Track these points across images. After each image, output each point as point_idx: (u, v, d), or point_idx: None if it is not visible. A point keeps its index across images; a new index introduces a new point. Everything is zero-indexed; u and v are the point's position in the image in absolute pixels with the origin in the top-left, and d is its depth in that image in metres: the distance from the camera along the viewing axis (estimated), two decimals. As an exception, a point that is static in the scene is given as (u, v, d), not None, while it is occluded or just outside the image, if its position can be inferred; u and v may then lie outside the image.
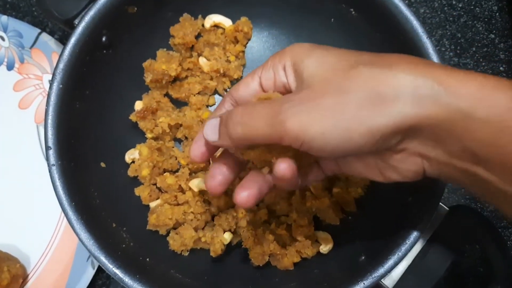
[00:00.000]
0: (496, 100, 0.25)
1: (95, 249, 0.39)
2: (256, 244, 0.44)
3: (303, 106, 0.28)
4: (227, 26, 0.51)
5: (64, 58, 0.42)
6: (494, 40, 0.58)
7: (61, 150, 0.41)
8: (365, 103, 0.27)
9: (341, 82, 0.28)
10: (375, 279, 0.37)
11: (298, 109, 0.28)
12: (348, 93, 0.27)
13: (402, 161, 0.30)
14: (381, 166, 0.31)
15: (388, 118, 0.26)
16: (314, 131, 0.27)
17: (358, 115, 0.27)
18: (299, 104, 0.28)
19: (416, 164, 0.29)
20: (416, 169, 0.30)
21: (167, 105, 0.49)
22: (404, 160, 0.29)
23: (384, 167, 0.31)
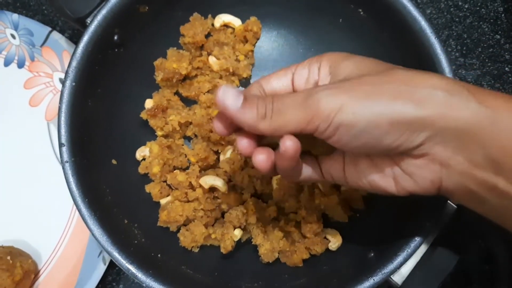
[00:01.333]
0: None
1: (108, 245, 0.39)
2: (266, 240, 0.45)
3: (338, 89, 0.28)
4: (237, 26, 0.51)
5: (77, 56, 0.43)
6: (499, 41, 0.58)
7: (74, 147, 0.41)
8: (400, 95, 0.27)
9: (379, 77, 0.29)
10: (384, 275, 0.38)
11: (333, 91, 0.28)
12: (384, 85, 0.28)
13: (421, 167, 0.29)
14: (397, 174, 0.31)
15: (418, 111, 0.27)
16: (346, 111, 0.27)
17: (391, 103, 0.27)
18: (334, 88, 0.29)
19: (434, 173, 0.29)
20: (433, 178, 0.29)
21: (177, 103, 0.50)
22: (423, 167, 0.29)
23: (400, 175, 0.31)
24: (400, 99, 0.27)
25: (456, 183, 0.29)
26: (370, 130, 0.28)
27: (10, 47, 0.56)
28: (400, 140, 0.28)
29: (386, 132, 0.28)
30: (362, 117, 0.27)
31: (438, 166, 0.29)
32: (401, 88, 0.28)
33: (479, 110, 0.26)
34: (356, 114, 0.27)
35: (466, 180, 0.28)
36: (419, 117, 0.27)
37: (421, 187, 0.30)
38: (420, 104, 0.27)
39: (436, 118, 0.27)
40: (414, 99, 0.27)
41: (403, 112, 0.27)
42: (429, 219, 0.39)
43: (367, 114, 0.27)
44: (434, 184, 0.30)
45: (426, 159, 0.29)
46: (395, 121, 0.27)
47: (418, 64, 0.43)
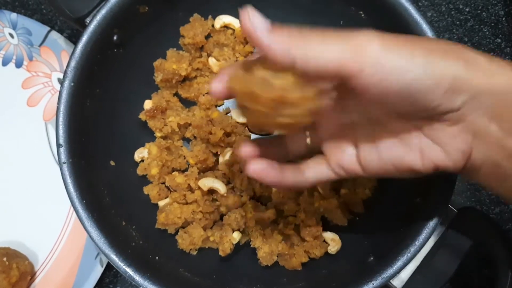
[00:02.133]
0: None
1: (106, 247, 0.39)
2: (264, 244, 0.44)
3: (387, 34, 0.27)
4: (237, 27, 0.51)
5: (75, 56, 0.42)
6: (500, 44, 0.58)
7: (72, 148, 0.41)
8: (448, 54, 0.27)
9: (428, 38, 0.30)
10: (384, 279, 0.38)
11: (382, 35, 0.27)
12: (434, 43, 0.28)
13: (454, 136, 0.29)
14: (424, 146, 0.30)
15: (464, 70, 0.27)
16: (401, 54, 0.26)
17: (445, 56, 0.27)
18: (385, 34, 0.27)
19: (466, 143, 0.29)
20: (465, 149, 0.29)
21: (176, 104, 0.50)
22: (455, 136, 0.29)
23: (428, 146, 0.30)
24: (448, 57, 0.27)
25: (485, 156, 0.29)
26: (417, 83, 0.26)
27: (8, 46, 0.56)
28: (442, 99, 0.27)
29: (432, 88, 0.27)
30: (418, 64, 0.26)
31: (471, 136, 0.28)
32: (450, 48, 0.28)
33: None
34: (413, 60, 0.26)
35: (496, 152, 0.28)
36: (464, 77, 0.27)
37: (451, 159, 0.29)
38: (467, 64, 0.27)
39: (477, 81, 0.27)
40: (462, 58, 0.27)
41: (449, 67, 0.27)
42: (429, 223, 0.39)
43: (422, 62, 0.26)
44: (464, 156, 0.29)
45: (460, 126, 0.28)
46: (442, 76, 0.27)
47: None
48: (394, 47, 0.26)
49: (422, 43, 0.28)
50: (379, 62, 0.26)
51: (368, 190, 0.46)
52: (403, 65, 0.26)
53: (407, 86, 0.27)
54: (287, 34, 0.26)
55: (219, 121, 0.47)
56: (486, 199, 0.54)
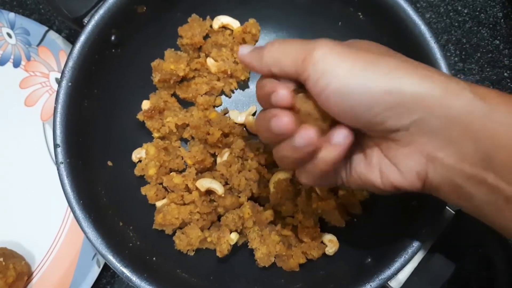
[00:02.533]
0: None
1: (103, 247, 0.39)
2: (262, 244, 0.44)
3: (340, 47, 0.28)
4: (235, 28, 0.51)
5: (73, 56, 0.42)
6: (498, 46, 0.58)
7: (69, 148, 0.41)
8: (402, 69, 0.27)
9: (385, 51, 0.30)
10: (381, 281, 0.38)
11: (333, 46, 0.28)
12: (388, 58, 0.28)
13: (407, 157, 0.29)
14: (383, 164, 0.30)
15: (414, 88, 0.27)
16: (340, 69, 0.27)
17: (389, 74, 0.27)
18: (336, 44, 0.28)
19: (420, 164, 0.29)
20: (419, 170, 0.29)
21: (174, 105, 0.50)
22: (409, 157, 0.29)
23: (386, 165, 0.30)
24: (400, 72, 0.27)
25: (443, 178, 0.28)
26: (361, 94, 0.27)
27: (6, 46, 0.56)
28: (388, 114, 0.27)
29: (377, 100, 0.27)
30: (357, 77, 0.27)
31: (424, 158, 0.28)
32: (404, 64, 0.28)
33: (473, 101, 0.26)
34: (351, 72, 0.27)
35: (454, 174, 0.28)
36: (415, 94, 0.27)
37: (407, 180, 0.30)
38: (420, 81, 0.27)
39: (430, 100, 0.26)
40: (415, 74, 0.27)
41: (399, 82, 0.27)
42: (427, 225, 0.39)
43: (362, 76, 0.27)
44: (420, 177, 0.29)
45: (412, 148, 0.28)
46: (388, 88, 0.27)
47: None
48: (341, 56, 0.27)
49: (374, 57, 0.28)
50: (321, 70, 0.27)
51: (365, 192, 0.46)
52: (343, 75, 0.27)
53: (346, 97, 0.27)
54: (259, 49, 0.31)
55: (217, 121, 0.47)
56: (484, 201, 0.54)
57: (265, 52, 0.31)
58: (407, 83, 0.27)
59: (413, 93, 0.27)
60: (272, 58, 0.30)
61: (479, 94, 0.26)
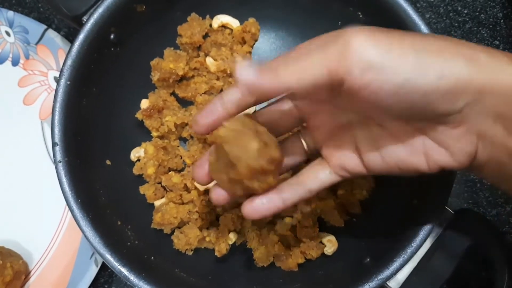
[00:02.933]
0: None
1: (101, 246, 0.39)
2: (261, 244, 0.44)
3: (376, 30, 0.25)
4: (235, 27, 0.51)
5: (72, 54, 0.42)
6: (498, 46, 0.58)
7: (67, 146, 0.41)
8: (448, 50, 0.25)
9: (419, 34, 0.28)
10: (380, 281, 0.38)
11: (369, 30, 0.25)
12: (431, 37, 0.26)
13: (459, 139, 0.28)
14: (429, 148, 0.29)
15: (466, 69, 0.25)
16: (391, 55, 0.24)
17: (441, 54, 0.25)
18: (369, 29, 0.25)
19: (471, 144, 0.28)
20: (470, 150, 0.28)
21: (173, 104, 0.50)
22: (461, 138, 0.28)
23: (432, 148, 0.29)
24: (448, 53, 0.25)
25: (490, 156, 0.28)
26: (416, 82, 0.24)
27: (4, 44, 0.56)
28: (442, 100, 0.25)
29: (433, 87, 0.25)
30: (410, 64, 0.24)
31: (475, 137, 0.27)
32: (446, 43, 0.26)
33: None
34: (401, 58, 0.24)
35: (501, 152, 0.27)
36: (466, 77, 0.25)
37: (457, 160, 0.28)
38: (467, 63, 0.25)
39: (481, 81, 0.25)
40: (461, 55, 0.25)
41: (450, 66, 0.25)
42: (426, 225, 0.39)
43: (414, 61, 0.24)
44: (470, 157, 0.28)
45: (464, 128, 0.27)
46: (444, 75, 0.25)
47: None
48: (382, 44, 0.24)
49: (415, 39, 0.26)
50: (366, 61, 0.24)
51: (365, 191, 0.46)
52: (393, 65, 0.24)
53: (400, 88, 0.25)
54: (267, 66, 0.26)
55: (216, 121, 0.47)
56: (483, 201, 0.54)
57: (281, 67, 0.25)
58: (458, 65, 0.25)
59: (464, 77, 0.25)
60: (293, 71, 0.25)
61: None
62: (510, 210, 0.53)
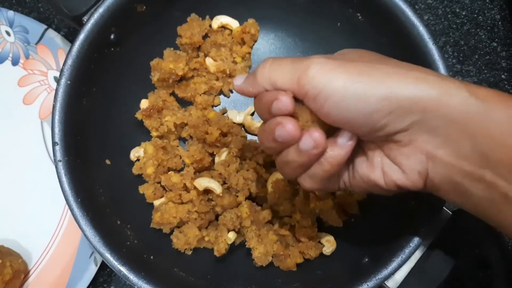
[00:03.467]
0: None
1: (100, 245, 0.39)
2: (260, 244, 0.44)
3: (332, 61, 0.28)
4: (234, 28, 0.51)
5: (72, 54, 0.42)
6: (496, 48, 0.59)
7: (67, 146, 0.41)
8: (395, 75, 0.28)
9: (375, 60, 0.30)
10: (378, 280, 0.38)
11: (326, 61, 0.28)
12: (380, 65, 0.28)
13: (409, 157, 0.29)
14: (385, 164, 0.31)
15: (410, 91, 0.27)
16: (336, 82, 0.28)
17: (384, 80, 0.27)
18: (328, 58, 0.29)
19: (421, 163, 0.29)
20: (421, 170, 0.29)
21: (172, 104, 0.50)
22: (411, 156, 0.29)
23: (388, 165, 0.30)
24: (392, 79, 0.28)
25: (442, 176, 0.29)
26: (360, 103, 0.28)
27: (4, 44, 0.56)
28: (388, 119, 0.28)
29: (375, 107, 0.27)
30: (352, 91, 0.28)
31: (424, 156, 0.29)
32: (396, 70, 0.28)
33: (469, 100, 0.26)
34: (346, 88, 0.27)
35: (453, 172, 0.28)
36: (411, 97, 0.27)
37: (409, 179, 0.30)
38: (412, 85, 0.27)
39: (427, 101, 0.27)
40: (410, 77, 0.27)
41: (393, 89, 0.27)
42: (424, 225, 0.39)
43: (356, 89, 0.27)
44: (421, 176, 0.30)
45: (413, 147, 0.29)
46: (384, 96, 0.27)
47: (416, 69, 0.43)
48: (335, 70, 0.28)
49: (368, 67, 0.28)
50: (319, 84, 0.28)
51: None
52: (339, 88, 0.28)
53: (346, 110, 0.28)
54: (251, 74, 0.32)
55: (215, 121, 0.47)
56: (480, 202, 0.54)
57: (258, 76, 0.31)
58: (402, 87, 0.27)
59: (409, 96, 0.27)
60: (266, 80, 0.31)
61: (475, 93, 0.27)
62: (508, 211, 0.54)
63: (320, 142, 0.29)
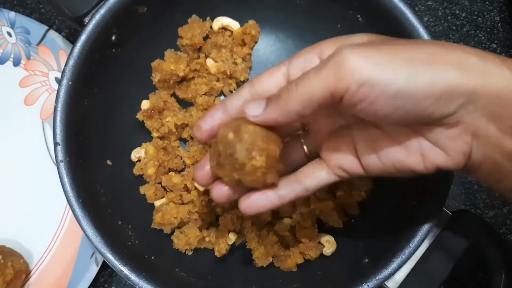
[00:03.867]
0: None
1: (102, 245, 0.39)
2: (260, 245, 0.44)
3: (366, 48, 0.27)
4: (235, 29, 0.51)
5: (74, 55, 0.42)
6: (495, 50, 0.59)
7: (69, 146, 0.41)
8: (437, 58, 0.27)
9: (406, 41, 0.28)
10: (378, 281, 0.38)
11: (360, 49, 0.26)
12: (421, 46, 0.27)
13: (453, 138, 0.28)
14: (425, 148, 0.29)
15: (456, 74, 0.26)
16: (382, 68, 0.26)
17: (430, 63, 0.26)
18: (360, 46, 0.27)
19: (466, 144, 0.28)
20: (465, 150, 0.28)
21: (173, 105, 0.50)
22: (456, 138, 0.28)
23: (428, 149, 0.29)
24: (437, 61, 0.26)
25: (484, 155, 0.28)
26: (408, 92, 0.26)
27: (6, 45, 0.56)
28: (435, 106, 0.27)
29: (424, 95, 0.26)
30: (401, 75, 0.26)
31: (470, 136, 0.28)
32: (436, 50, 0.27)
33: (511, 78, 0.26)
34: (395, 72, 0.26)
35: (495, 151, 0.28)
36: (457, 82, 0.26)
37: (453, 160, 0.29)
38: (456, 69, 0.26)
39: (472, 84, 0.26)
40: (452, 64, 0.26)
41: (441, 73, 0.26)
42: (424, 226, 0.39)
43: (406, 73, 0.26)
44: (465, 156, 0.29)
45: (459, 128, 0.28)
46: (432, 80, 0.26)
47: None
48: (373, 60, 0.26)
49: (405, 50, 0.27)
50: (360, 78, 0.26)
51: (363, 193, 0.46)
52: (385, 78, 0.26)
53: (394, 98, 0.26)
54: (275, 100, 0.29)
55: (216, 122, 0.47)
56: (480, 203, 0.54)
57: (287, 99, 0.28)
58: (448, 72, 0.26)
59: (455, 81, 0.26)
60: (300, 99, 0.28)
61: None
62: (507, 212, 0.54)
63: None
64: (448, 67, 0.26)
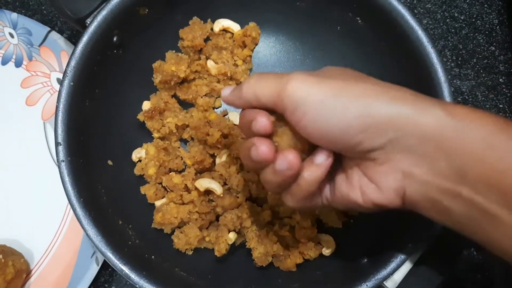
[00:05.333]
0: (487, 119, 0.27)
1: (102, 245, 0.39)
2: (260, 244, 0.45)
3: (312, 77, 0.30)
4: (236, 31, 0.52)
5: (76, 56, 0.43)
6: (494, 52, 0.59)
7: (70, 146, 0.41)
8: (371, 93, 0.28)
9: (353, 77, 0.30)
10: (377, 281, 0.38)
11: (305, 76, 0.30)
12: (359, 83, 0.29)
13: (385, 175, 0.29)
14: (363, 184, 0.31)
15: (385, 109, 0.28)
16: (315, 97, 0.28)
17: (362, 97, 0.28)
18: (309, 74, 0.30)
19: (397, 181, 0.29)
20: (397, 187, 0.29)
21: (174, 106, 0.50)
22: (387, 175, 0.29)
23: (366, 184, 0.31)
24: (370, 96, 0.28)
25: (420, 193, 0.29)
26: (335, 119, 0.28)
27: (8, 45, 0.56)
28: (363, 135, 0.28)
29: (351, 124, 0.28)
30: (330, 106, 0.28)
31: (400, 174, 0.29)
32: (375, 87, 0.29)
33: (443, 118, 0.27)
34: (324, 103, 0.28)
35: (430, 189, 0.28)
36: (387, 115, 0.28)
37: (386, 197, 0.30)
38: (389, 102, 0.28)
39: (402, 120, 0.27)
40: (385, 95, 0.28)
41: (371, 107, 0.28)
42: (424, 226, 0.39)
43: (334, 102, 0.28)
44: (398, 194, 0.30)
45: (389, 166, 0.29)
46: (361, 113, 0.28)
47: (415, 73, 0.44)
48: (313, 86, 0.29)
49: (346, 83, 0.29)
50: (297, 99, 0.29)
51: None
52: (317, 103, 0.28)
53: (324, 124, 0.29)
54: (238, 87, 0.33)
55: (216, 122, 0.48)
56: (479, 204, 0.54)
57: (243, 89, 0.32)
58: (378, 105, 0.28)
59: (384, 114, 0.28)
60: (250, 94, 0.32)
61: (449, 110, 0.27)
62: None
63: (294, 163, 0.30)
64: (383, 99, 0.28)
